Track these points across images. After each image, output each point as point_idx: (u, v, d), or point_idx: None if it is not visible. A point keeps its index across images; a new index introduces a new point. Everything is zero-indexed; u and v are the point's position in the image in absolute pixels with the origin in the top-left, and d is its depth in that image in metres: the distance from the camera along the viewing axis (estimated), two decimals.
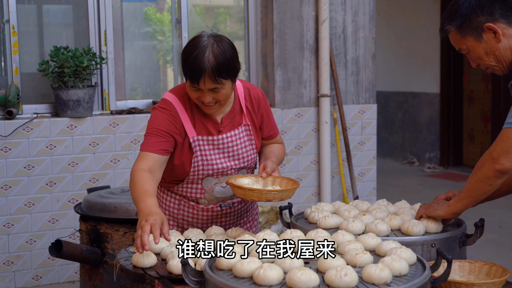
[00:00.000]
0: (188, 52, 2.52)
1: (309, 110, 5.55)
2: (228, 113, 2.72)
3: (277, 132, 2.91)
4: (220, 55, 2.50)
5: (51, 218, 4.92)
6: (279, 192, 2.45)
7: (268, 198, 2.44)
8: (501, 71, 2.37)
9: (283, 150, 2.92)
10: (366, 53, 5.72)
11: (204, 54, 2.48)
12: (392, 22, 9.99)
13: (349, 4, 5.62)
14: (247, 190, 2.44)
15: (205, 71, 2.48)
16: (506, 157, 2.19)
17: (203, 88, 2.52)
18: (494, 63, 2.34)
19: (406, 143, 10.34)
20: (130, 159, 5.08)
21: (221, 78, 2.51)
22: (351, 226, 2.43)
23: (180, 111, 2.64)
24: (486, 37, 2.30)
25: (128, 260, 2.41)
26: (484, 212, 6.81)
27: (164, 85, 5.87)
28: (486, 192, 2.29)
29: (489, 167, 2.23)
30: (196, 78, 2.50)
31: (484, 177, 2.25)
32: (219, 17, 6.13)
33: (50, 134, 4.87)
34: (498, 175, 2.23)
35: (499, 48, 2.30)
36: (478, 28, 2.30)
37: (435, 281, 1.98)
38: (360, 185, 5.73)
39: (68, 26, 5.38)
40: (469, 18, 2.30)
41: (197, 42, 2.53)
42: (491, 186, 2.26)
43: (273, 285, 1.87)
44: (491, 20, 2.28)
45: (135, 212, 3.61)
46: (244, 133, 2.74)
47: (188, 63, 2.50)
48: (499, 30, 2.28)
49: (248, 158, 2.74)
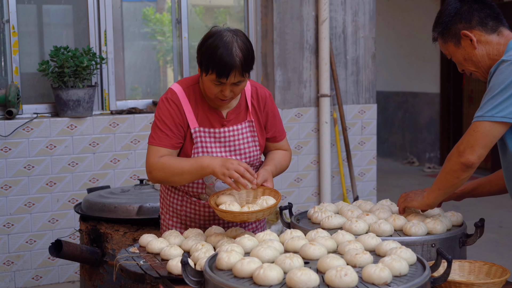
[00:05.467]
0: (213, 47, 2.52)
1: (309, 110, 5.54)
2: (234, 108, 2.73)
3: (283, 136, 2.88)
4: (246, 49, 2.55)
5: (51, 218, 4.92)
6: (253, 213, 2.42)
7: (242, 219, 2.44)
8: (482, 77, 2.42)
9: (287, 158, 2.87)
10: (366, 53, 5.72)
11: (232, 49, 2.51)
12: (392, 22, 9.99)
13: (349, 4, 5.62)
14: (222, 212, 2.44)
15: (235, 66, 2.50)
16: (471, 150, 2.22)
17: (227, 83, 2.54)
18: (474, 68, 2.40)
19: (406, 143, 10.34)
20: (130, 159, 5.08)
21: (246, 72, 2.56)
22: (354, 226, 2.42)
23: (183, 101, 2.67)
24: (464, 44, 2.38)
25: (128, 260, 2.41)
26: (484, 212, 6.82)
27: (164, 85, 5.87)
28: (453, 184, 2.32)
29: (455, 160, 2.26)
30: (226, 73, 2.51)
31: (451, 170, 2.29)
32: (219, 17, 6.13)
33: (50, 134, 4.87)
34: (463, 168, 2.25)
35: (475, 54, 2.37)
36: (457, 35, 2.38)
37: (435, 281, 1.98)
38: (360, 185, 5.72)
39: (68, 26, 5.38)
40: (449, 26, 2.39)
41: (219, 37, 2.54)
42: (458, 179, 2.29)
43: (273, 285, 1.86)
44: (468, 28, 2.36)
45: (135, 212, 3.61)
46: (248, 129, 2.74)
47: (215, 58, 2.51)
48: (475, 37, 2.35)
49: (250, 154, 2.73)
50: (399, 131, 10.49)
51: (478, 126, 2.22)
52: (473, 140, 2.22)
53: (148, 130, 5.07)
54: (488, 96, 2.22)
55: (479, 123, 2.22)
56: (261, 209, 2.44)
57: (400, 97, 10.38)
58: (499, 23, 2.39)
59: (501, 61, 2.25)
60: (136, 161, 5.10)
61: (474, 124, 2.24)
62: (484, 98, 2.25)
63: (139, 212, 3.61)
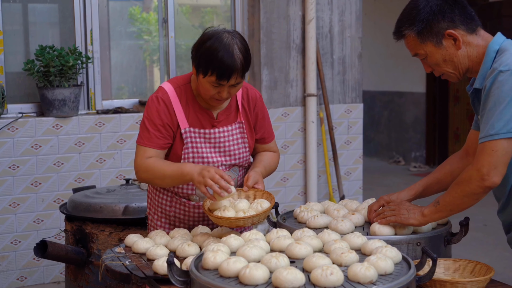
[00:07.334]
0: (213, 50, 2.51)
1: (296, 110, 5.55)
2: (224, 109, 2.74)
3: (272, 137, 2.90)
4: (245, 51, 2.56)
5: (36, 218, 4.89)
6: (249, 218, 2.41)
7: (238, 225, 2.43)
8: (456, 78, 2.34)
9: (275, 159, 2.90)
10: (353, 53, 5.74)
11: (233, 52, 2.51)
12: (378, 22, 10.03)
13: (336, 4, 5.63)
14: (217, 218, 2.43)
15: (237, 68, 2.51)
16: (495, 172, 2.13)
17: (226, 84, 2.54)
18: (451, 70, 2.32)
19: (392, 142, 10.38)
20: (116, 159, 5.06)
21: (244, 74, 2.56)
22: (340, 226, 2.43)
23: (174, 101, 2.66)
24: (446, 44, 2.27)
25: (114, 260, 2.40)
26: (468, 211, 6.82)
27: (150, 85, 5.86)
28: (469, 206, 2.24)
29: (478, 183, 2.16)
30: (227, 75, 2.51)
31: (471, 193, 2.20)
32: (206, 17, 6.12)
33: (35, 134, 4.84)
34: (486, 191, 2.18)
35: (458, 55, 2.28)
36: (439, 34, 2.26)
37: (420, 279, 1.99)
38: (346, 184, 5.74)
39: (54, 25, 5.35)
40: (430, 24, 2.26)
41: (219, 39, 2.53)
42: (477, 201, 2.22)
43: (259, 284, 1.86)
44: (452, 27, 2.26)
45: (120, 212, 3.59)
46: (238, 130, 2.75)
47: (216, 61, 2.49)
48: (460, 37, 2.26)
49: (239, 155, 2.74)
50: (385, 131, 10.53)
51: (496, 146, 2.12)
52: (495, 161, 2.13)
53: (134, 129, 5.06)
54: (496, 111, 2.12)
55: (496, 142, 2.12)
56: (257, 213, 2.43)
57: (386, 96, 10.42)
58: (477, 22, 2.31)
59: (498, 72, 2.14)
60: (122, 161, 5.08)
61: (490, 144, 2.13)
62: (490, 112, 2.14)
63: (125, 212, 3.60)
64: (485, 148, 2.15)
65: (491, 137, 2.13)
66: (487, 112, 2.16)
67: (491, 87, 2.16)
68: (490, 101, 2.15)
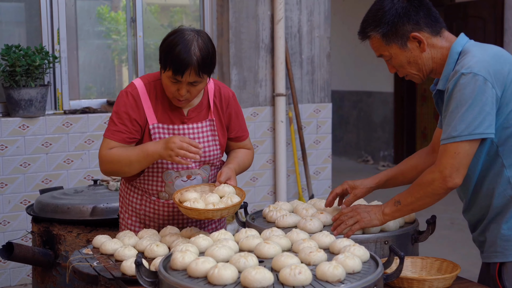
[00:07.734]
0: (172, 44, 2.51)
1: (265, 109, 5.56)
2: (195, 106, 2.73)
3: (246, 135, 2.91)
4: (205, 49, 2.53)
5: (2, 220, 4.82)
6: (218, 211, 2.43)
7: (207, 217, 2.45)
8: (420, 80, 2.37)
9: (250, 156, 2.91)
10: (321, 53, 5.76)
11: (190, 47, 2.50)
12: (347, 21, 10.09)
13: (305, 4, 5.65)
14: (187, 209, 2.45)
15: (191, 64, 2.49)
16: (457, 174, 2.16)
17: (183, 81, 2.53)
18: (415, 71, 2.33)
19: (361, 142, 10.46)
20: (83, 160, 5.01)
21: (203, 73, 2.54)
22: (308, 225, 2.44)
23: (143, 97, 2.65)
24: (411, 46, 2.28)
25: (82, 261, 2.38)
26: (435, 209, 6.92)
27: (119, 84, 5.81)
28: (429, 205, 2.28)
29: (440, 185, 2.19)
30: (181, 70, 2.50)
31: (433, 194, 2.22)
32: (175, 16, 6.10)
33: (1, 135, 4.76)
34: (448, 191, 2.21)
35: (422, 57, 2.29)
36: (404, 36, 2.27)
37: (388, 277, 2.01)
38: (315, 183, 5.77)
39: (20, 24, 5.28)
40: (396, 26, 2.26)
41: (180, 35, 2.53)
42: (438, 201, 2.26)
43: (227, 284, 1.86)
44: (417, 29, 2.27)
45: (88, 213, 3.56)
46: (208, 127, 2.74)
47: (173, 55, 2.50)
48: (425, 39, 2.27)
49: (210, 153, 2.73)
50: (354, 130, 10.61)
51: (458, 148, 2.14)
52: (458, 163, 2.15)
53: (102, 130, 5.01)
54: (458, 113, 2.13)
55: (458, 144, 2.14)
56: (226, 206, 2.45)
57: (355, 96, 10.50)
58: (442, 24, 2.32)
59: (460, 74, 2.14)
60: (90, 162, 5.03)
61: (452, 146, 2.15)
62: (452, 114, 2.15)
63: (92, 213, 3.57)
64: (448, 150, 2.17)
65: (453, 139, 2.15)
66: (449, 114, 2.18)
67: (453, 89, 2.17)
68: (452, 103, 2.17)
